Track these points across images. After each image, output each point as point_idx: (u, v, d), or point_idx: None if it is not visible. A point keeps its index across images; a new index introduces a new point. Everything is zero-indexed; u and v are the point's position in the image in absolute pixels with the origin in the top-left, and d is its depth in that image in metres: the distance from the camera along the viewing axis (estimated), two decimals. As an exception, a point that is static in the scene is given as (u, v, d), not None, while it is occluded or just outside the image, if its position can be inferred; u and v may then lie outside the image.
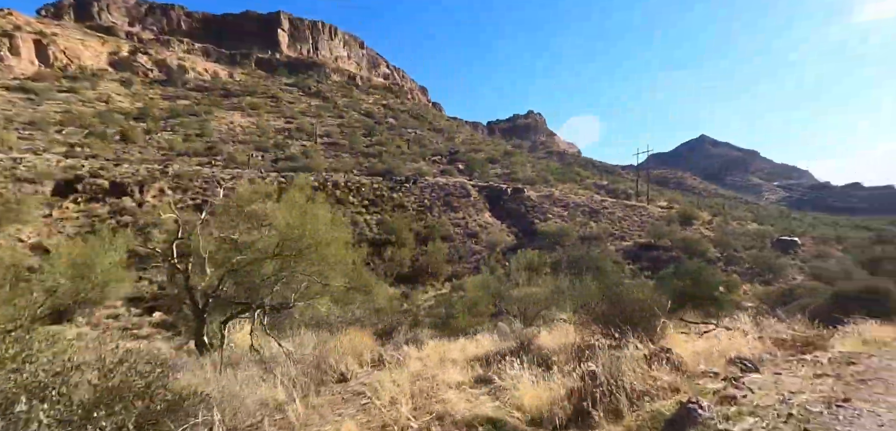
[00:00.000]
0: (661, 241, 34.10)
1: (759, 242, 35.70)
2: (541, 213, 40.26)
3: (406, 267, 26.42)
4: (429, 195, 40.08)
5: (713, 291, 19.25)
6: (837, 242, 45.76)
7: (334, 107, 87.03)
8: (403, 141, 70.35)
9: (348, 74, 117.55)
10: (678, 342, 5.82)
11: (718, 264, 31.91)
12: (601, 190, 59.00)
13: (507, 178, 54.80)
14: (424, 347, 7.82)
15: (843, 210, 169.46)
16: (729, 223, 45.61)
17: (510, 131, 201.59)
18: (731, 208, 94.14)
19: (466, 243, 32.24)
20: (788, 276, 30.82)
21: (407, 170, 48.05)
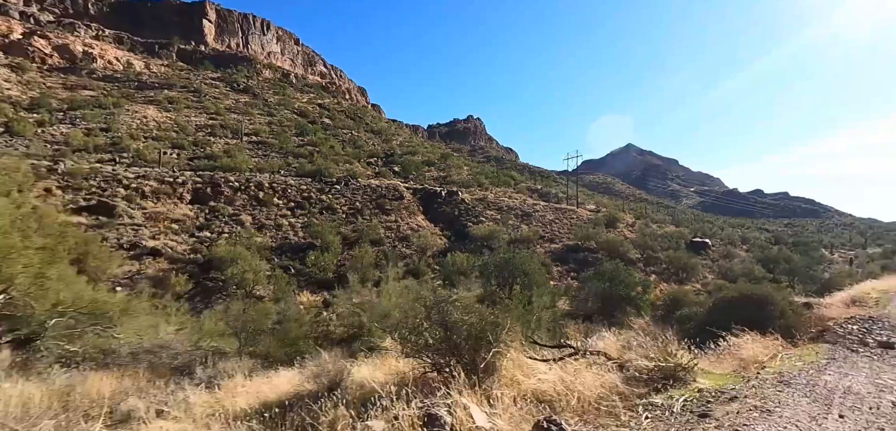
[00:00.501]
0: (586, 243, 35.28)
1: (674, 243, 37.99)
2: (474, 216, 40.31)
3: (330, 273, 25.06)
4: (360, 197, 38.77)
5: (630, 292, 19.91)
6: (743, 243, 50.09)
7: (265, 104, 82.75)
8: (338, 142, 68.17)
9: (282, 71, 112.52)
10: (520, 376, 4.93)
11: (638, 264, 33.49)
12: (534, 193, 60.49)
13: (442, 181, 54.62)
14: (227, 386, 6.50)
15: (747, 213, 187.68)
16: (649, 226, 48.38)
17: (449, 135, 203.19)
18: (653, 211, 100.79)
19: (397, 247, 31.36)
20: (700, 275, 33.00)
21: (339, 172, 46.35)
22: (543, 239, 37.22)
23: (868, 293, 10.21)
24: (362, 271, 25.46)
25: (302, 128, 70.44)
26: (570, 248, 35.14)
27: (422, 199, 42.72)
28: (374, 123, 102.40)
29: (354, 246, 29.40)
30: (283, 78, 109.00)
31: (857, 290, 10.38)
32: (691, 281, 31.01)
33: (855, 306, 8.57)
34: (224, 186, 34.11)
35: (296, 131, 68.94)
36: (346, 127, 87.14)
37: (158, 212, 28.21)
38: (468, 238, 34.38)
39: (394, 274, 16.33)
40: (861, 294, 9.92)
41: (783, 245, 50.26)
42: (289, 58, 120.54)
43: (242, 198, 33.81)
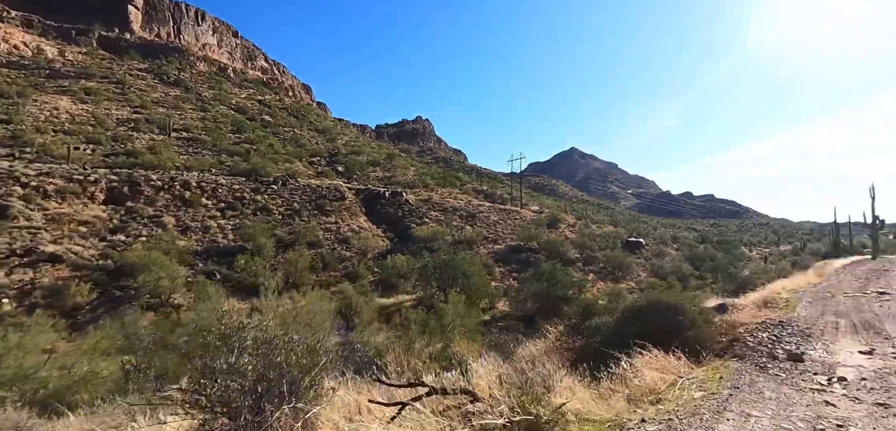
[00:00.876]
0: (529, 244, 35.75)
1: (611, 243, 39.41)
2: (418, 217, 39.76)
3: (261, 278, 23.51)
4: (299, 198, 37.04)
5: (567, 292, 20.15)
6: (673, 241, 52.98)
7: (198, 99, 77.76)
8: (278, 140, 65.21)
9: (219, 65, 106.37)
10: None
11: (578, 264, 34.36)
12: (480, 194, 60.89)
13: (387, 182, 53.65)
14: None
15: (678, 214, 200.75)
16: (589, 226, 50.03)
17: (398, 136, 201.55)
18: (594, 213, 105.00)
19: (336, 249, 30.16)
20: (635, 274, 34.35)
21: (277, 171, 44.16)
22: (487, 240, 37.33)
23: (779, 293, 10.44)
24: (297, 275, 24.21)
25: (239, 125, 66.81)
26: (512, 249, 35.45)
27: (365, 200, 41.60)
28: (318, 122, 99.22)
29: (290, 249, 27.96)
30: (219, 72, 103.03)
31: (769, 291, 10.68)
32: (627, 280, 32.20)
33: (766, 308, 8.60)
34: (145, 185, 31.33)
35: (232, 128, 65.27)
36: (288, 125, 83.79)
37: (63, 213, 25.31)
38: (411, 239, 33.77)
39: (275, 285, 14.61)
40: (772, 294, 10.12)
41: (708, 244, 53.77)
42: (227, 51, 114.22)
43: (166, 199, 31.20)
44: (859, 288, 11.67)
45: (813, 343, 6.81)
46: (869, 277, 14.57)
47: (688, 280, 31.38)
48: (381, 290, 24.23)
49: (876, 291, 10.85)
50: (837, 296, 10.39)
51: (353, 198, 40.89)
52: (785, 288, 11.29)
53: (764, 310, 8.35)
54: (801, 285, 12.45)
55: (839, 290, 11.49)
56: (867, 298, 10.20)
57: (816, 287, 12.08)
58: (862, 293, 10.91)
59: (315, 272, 26.01)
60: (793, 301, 9.60)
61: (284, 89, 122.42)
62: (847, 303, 9.55)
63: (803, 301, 9.76)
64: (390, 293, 23.68)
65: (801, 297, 10.08)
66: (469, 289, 20.89)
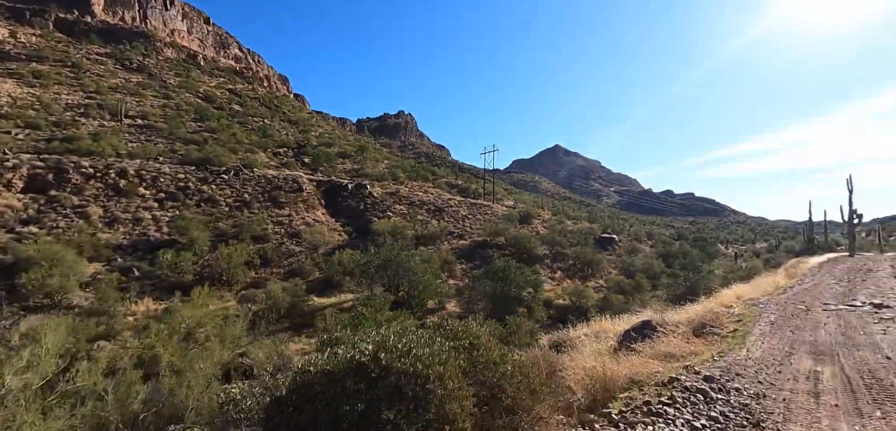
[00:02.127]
0: (496, 240, 33.94)
1: (583, 239, 37.86)
2: (382, 210, 37.62)
3: (189, 275, 21.19)
4: (251, 189, 34.57)
5: (521, 292, 18.30)
6: (649, 238, 51.84)
7: (162, 86, 74.09)
8: (244, 129, 62.22)
9: (188, 52, 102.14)
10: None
11: (546, 260, 32.68)
12: (454, 189, 58.97)
13: (355, 174, 51.34)
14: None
15: (659, 211, 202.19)
16: (563, 222, 48.50)
17: (379, 130, 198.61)
18: (575, 209, 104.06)
19: (284, 244, 27.87)
20: (605, 271, 32.80)
21: (234, 161, 41.48)
22: (452, 236, 35.41)
23: (731, 305, 7.68)
24: (231, 272, 21.92)
25: (202, 113, 63.53)
26: (478, 244, 33.60)
27: (326, 192, 39.31)
28: (292, 113, 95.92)
29: (233, 243, 25.62)
30: (189, 59, 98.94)
31: (719, 301, 7.79)
32: (596, 277, 30.63)
33: (702, 337, 5.64)
34: (74, 173, 28.59)
35: (194, 116, 62.03)
36: (259, 115, 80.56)
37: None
38: (371, 234, 31.62)
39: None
40: (722, 306, 7.38)
41: (685, 241, 52.81)
42: (197, 38, 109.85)
43: (97, 187, 28.49)
44: (843, 296, 9.03)
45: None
46: (852, 278, 11.87)
47: (658, 277, 29.96)
48: (325, 289, 22.11)
49: (870, 303, 8.06)
50: (814, 311, 7.62)
51: (313, 189, 38.56)
52: (742, 297, 8.62)
53: (696, 341, 5.51)
54: (767, 289, 9.97)
55: (816, 299, 8.73)
56: (859, 316, 7.23)
57: (786, 293, 9.46)
58: (849, 305, 8.14)
59: (253, 269, 23.73)
60: (747, 319, 6.79)
61: (259, 79, 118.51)
62: (830, 328, 6.48)
63: (763, 320, 6.84)
64: (333, 292, 21.57)
65: (761, 313, 7.27)
66: (415, 289, 18.92)
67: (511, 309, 17.98)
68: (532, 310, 18.28)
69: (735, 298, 8.40)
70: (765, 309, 7.48)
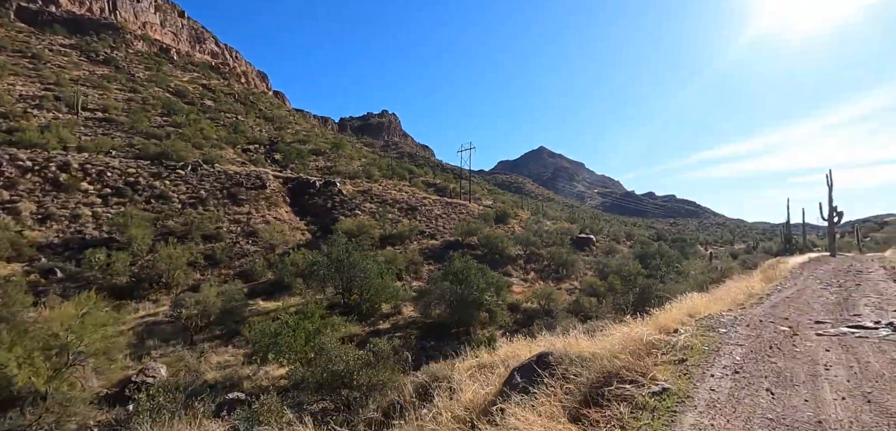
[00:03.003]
0: (467, 239, 32.57)
1: (559, 240, 36.73)
2: (350, 209, 35.94)
3: (123, 277, 19.30)
4: (209, 185, 32.60)
5: (482, 296, 16.87)
6: (628, 239, 51.07)
7: (130, 79, 71.16)
8: (214, 125, 59.83)
9: (161, 45, 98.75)
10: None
11: (519, 261, 31.42)
12: (431, 188, 57.51)
13: (327, 171, 49.51)
14: None
15: (641, 213, 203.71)
16: (541, 222, 47.37)
17: (362, 129, 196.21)
18: (558, 210, 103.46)
19: (238, 243, 26.05)
20: (580, 272, 31.65)
21: (196, 156, 39.33)
22: (423, 235, 33.92)
23: (677, 328, 4.96)
24: (172, 274, 20.08)
25: (170, 108, 60.91)
26: (450, 244, 32.17)
27: (292, 190, 37.49)
28: (269, 110, 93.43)
29: (175, 243, 23.74)
30: (161, 53, 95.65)
31: (663, 322, 5.10)
32: (570, 278, 29.44)
33: (600, 407, 3.24)
34: (8, 165, 26.34)
35: (161, 111, 59.42)
36: (233, 111, 78.04)
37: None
38: (334, 233, 29.96)
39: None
40: (660, 335, 4.62)
41: (664, 241, 52.20)
42: (171, 31, 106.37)
43: (34, 181, 26.29)
44: (840, 308, 6.97)
45: None
46: (843, 282, 9.80)
47: (634, 279, 28.88)
48: (274, 291, 20.42)
49: (885, 324, 5.56)
50: (804, 337, 5.12)
51: (279, 187, 36.70)
52: (698, 314, 5.86)
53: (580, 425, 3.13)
54: (737, 298, 7.82)
55: (804, 313, 6.47)
56: (877, 346, 4.72)
57: (762, 304, 7.26)
58: (853, 325, 5.69)
59: (198, 270, 21.91)
60: (697, 357, 4.16)
61: (236, 75, 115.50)
62: (838, 379, 3.89)
63: (721, 361, 4.19)
64: (282, 295, 19.89)
65: (720, 344, 4.64)
66: (368, 291, 17.38)
67: (470, 314, 16.58)
68: (494, 315, 16.90)
69: (686, 315, 5.61)
70: (728, 336, 4.86)
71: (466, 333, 16.60)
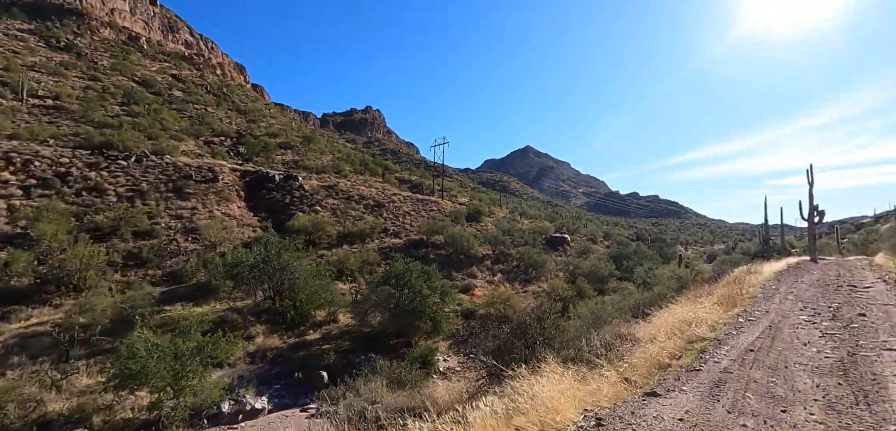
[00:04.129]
0: (432, 238, 30.67)
1: (532, 239, 35.08)
2: (310, 204, 33.76)
3: (26, 278, 16.95)
4: (153, 177, 30.11)
5: (425, 303, 14.94)
6: (606, 238, 49.71)
7: (91, 66, 67.67)
8: (178, 115, 56.90)
9: (129, 33, 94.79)
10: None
11: (486, 262, 29.64)
12: (405, 184, 55.49)
13: (294, 165, 47.15)
14: None
15: (625, 213, 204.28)
16: (517, 220, 45.69)
17: (345, 125, 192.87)
18: (541, 209, 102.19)
19: (175, 241, 23.72)
20: (550, 273, 29.99)
21: (147, 146, 36.69)
22: (387, 233, 31.92)
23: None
24: (83, 275, 17.76)
25: (131, 97, 57.78)
26: (413, 243, 30.24)
27: (250, 184, 35.14)
28: (242, 102, 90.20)
29: (106, 240, 21.42)
30: (130, 41, 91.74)
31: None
32: (538, 281, 27.72)
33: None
34: (-85, 152, 23.59)
35: (121, 100, 56.30)
36: (202, 102, 74.84)
37: None
38: (286, 230, 27.81)
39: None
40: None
41: (642, 242, 50.99)
42: (142, 19, 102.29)
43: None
44: (847, 383, 4.44)
45: None
46: (838, 309, 7.32)
47: (606, 280, 27.32)
48: (202, 295, 18.24)
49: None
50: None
51: (234, 180, 34.34)
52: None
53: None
54: (663, 354, 5.17)
55: (776, 404, 4.08)
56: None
57: (698, 374, 4.66)
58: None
59: (118, 270, 19.60)
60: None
61: (211, 67, 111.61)
62: None
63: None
64: (208, 299, 17.72)
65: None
66: (297, 296, 15.36)
67: (411, 323, 14.66)
68: (438, 324, 15.02)
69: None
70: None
71: (407, 344, 14.69)
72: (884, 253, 16.52)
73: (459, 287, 24.52)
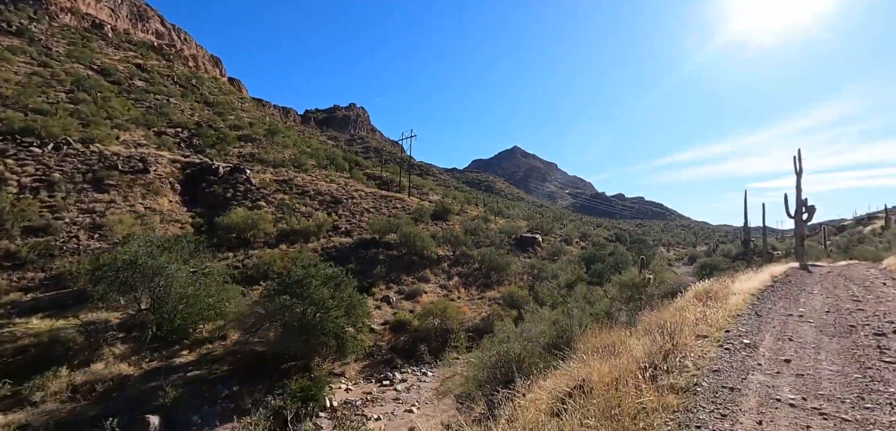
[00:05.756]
0: (385, 237, 27.81)
1: (498, 239, 32.45)
2: (254, 200, 30.67)
3: None
4: (70, 167, 26.78)
5: (327, 317, 12.08)
6: (583, 239, 47.30)
7: (44, 53, 63.53)
8: (128, 104, 53.18)
9: (93, 20, 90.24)
10: None
11: (444, 264, 26.86)
12: (374, 180, 52.56)
13: (250, 158, 43.91)
14: None
15: (610, 214, 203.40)
16: (490, 219, 43.02)
17: (327, 122, 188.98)
18: (526, 209, 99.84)
19: (75, 239, 20.51)
20: (515, 277, 27.35)
21: (75, 134, 33.22)
22: (337, 232, 28.98)
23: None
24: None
25: (80, 85, 53.90)
26: (364, 243, 27.34)
27: (191, 176, 31.95)
28: (212, 95, 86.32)
29: None
30: (93, 29, 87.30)
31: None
32: (501, 284, 25.03)
33: None
34: None
35: (68, 87, 52.44)
36: (166, 93, 70.97)
37: None
38: (216, 227, 24.74)
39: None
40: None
41: (621, 243, 48.73)
42: (107, 7, 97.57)
43: None
44: None
45: None
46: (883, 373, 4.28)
47: (573, 285, 24.72)
48: (78, 303, 15.14)
49: None
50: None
51: (170, 171, 31.09)
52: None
53: None
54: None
55: None
56: None
57: None
58: None
59: None
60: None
61: (183, 58, 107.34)
62: None
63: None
64: (82, 308, 14.65)
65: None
66: (169, 308, 12.39)
67: (310, 343, 11.79)
68: (344, 345, 12.21)
69: None
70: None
71: (306, 368, 11.82)
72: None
73: (406, 293, 21.74)
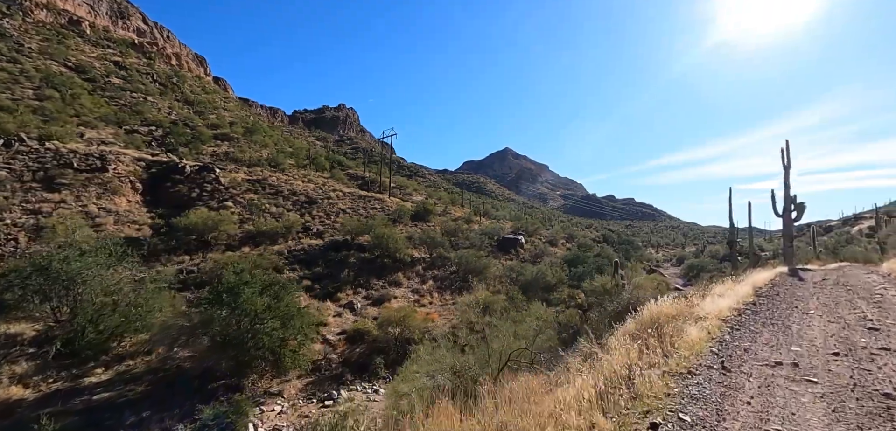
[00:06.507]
0: (358, 239, 26.48)
1: (478, 240, 31.26)
2: (221, 199, 29.17)
3: None
4: (20, 164, 25.13)
5: (261, 331, 10.73)
6: (569, 240, 46.25)
7: (14, 49, 61.35)
8: (99, 101, 51.28)
9: (70, 17, 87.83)
10: None
11: (418, 266, 25.57)
12: (357, 181, 51.16)
13: (224, 156, 42.31)
14: None
15: (601, 215, 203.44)
16: (473, 219, 41.81)
17: (316, 122, 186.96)
18: (516, 210, 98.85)
19: (12, 241, 18.95)
20: (494, 279, 26.14)
21: (32, 131, 31.50)
22: (308, 233, 27.57)
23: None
24: None
25: (50, 82, 51.92)
26: (335, 244, 25.96)
27: (156, 175, 30.36)
28: (194, 94, 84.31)
29: None
30: (69, 25, 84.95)
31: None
32: (473, 290, 23.79)
33: None
34: None
35: (36, 83, 50.45)
36: (144, 91, 68.96)
37: None
38: (174, 228, 23.24)
39: None
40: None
41: (607, 243, 47.82)
42: (85, 3, 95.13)
43: None
44: None
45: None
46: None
47: (553, 288, 23.62)
48: None
49: None
50: None
51: (132, 170, 29.48)
52: None
53: None
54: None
55: None
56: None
57: None
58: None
59: None
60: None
61: (165, 56, 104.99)
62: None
63: None
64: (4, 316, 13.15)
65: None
66: (86, 318, 10.98)
67: (242, 358, 10.45)
68: (281, 360, 10.89)
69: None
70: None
71: (238, 387, 10.47)
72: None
73: (374, 298, 20.43)
